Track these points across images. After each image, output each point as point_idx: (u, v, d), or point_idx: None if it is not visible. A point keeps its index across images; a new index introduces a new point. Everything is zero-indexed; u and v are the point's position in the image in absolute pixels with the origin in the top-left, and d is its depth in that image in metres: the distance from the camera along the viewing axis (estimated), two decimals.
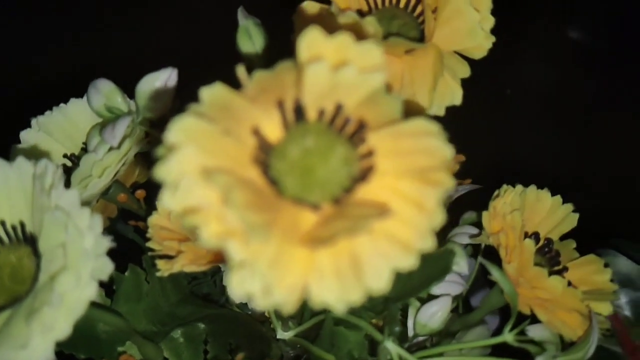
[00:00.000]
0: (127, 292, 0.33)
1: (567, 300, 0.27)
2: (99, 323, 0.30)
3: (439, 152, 0.18)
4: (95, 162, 0.28)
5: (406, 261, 0.18)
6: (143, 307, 0.33)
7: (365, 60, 0.17)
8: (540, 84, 0.76)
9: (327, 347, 0.32)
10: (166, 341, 0.33)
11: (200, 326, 0.34)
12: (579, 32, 0.79)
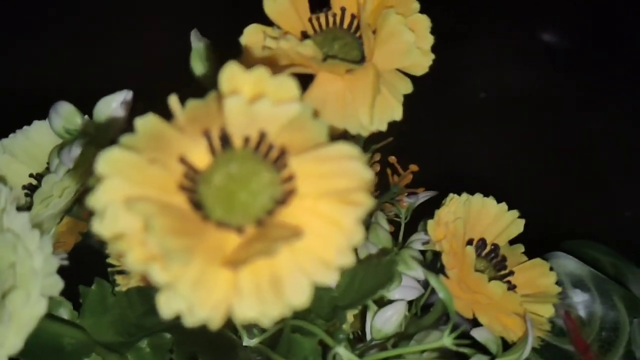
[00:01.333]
0: (93, 305, 0.34)
1: (507, 304, 0.29)
2: (64, 337, 0.32)
3: (358, 174, 0.19)
4: (55, 183, 0.29)
5: (326, 277, 0.19)
6: (109, 319, 0.34)
7: (280, 93, 0.19)
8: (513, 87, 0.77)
9: (285, 353, 0.33)
10: (133, 351, 0.34)
11: (166, 336, 0.36)
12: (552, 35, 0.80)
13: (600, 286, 0.37)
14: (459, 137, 0.74)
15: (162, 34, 0.68)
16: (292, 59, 0.27)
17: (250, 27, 0.28)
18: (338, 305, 0.30)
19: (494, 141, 0.74)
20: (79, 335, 0.31)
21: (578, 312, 0.38)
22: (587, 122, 0.74)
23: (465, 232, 0.31)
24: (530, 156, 0.73)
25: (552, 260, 0.38)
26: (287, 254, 0.19)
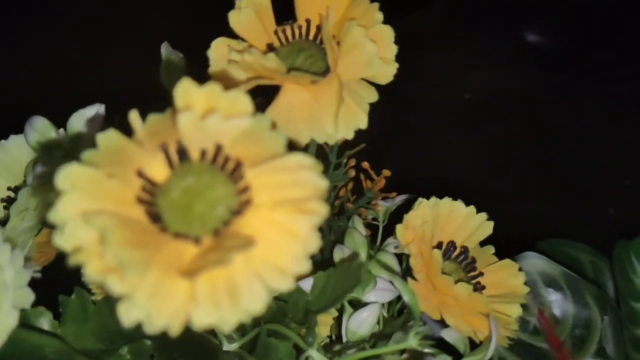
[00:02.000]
0: (74, 314, 0.35)
1: (473, 304, 0.29)
2: (45, 347, 0.32)
3: (312, 184, 0.20)
4: (30, 196, 0.30)
5: (283, 283, 0.20)
6: (90, 327, 0.35)
7: (232, 107, 0.19)
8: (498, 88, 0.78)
9: (262, 357, 0.34)
10: (114, 358, 0.35)
11: (147, 342, 0.36)
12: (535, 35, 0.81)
13: (573, 285, 0.38)
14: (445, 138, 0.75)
15: (141, 46, 0.69)
16: (257, 72, 0.28)
17: (216, 40, 0.29)
18: (310, 309, 0.31)
19: (479, 141, 0.75)
20: (58, 345, 0.32)
21: (552, 311, 0.38)
22: (570, 122, 0.75)
23: (434, 235, 0.32)
24: (514, 156, 0.73)
25: (525, 260, 0.39)
26: (243, 263, 0.19)
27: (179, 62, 0.31)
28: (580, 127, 0.75)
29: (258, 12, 0.29)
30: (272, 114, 0.29)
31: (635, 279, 0.38)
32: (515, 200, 0.70)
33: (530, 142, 0.74)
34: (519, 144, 0.74)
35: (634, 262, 0.38)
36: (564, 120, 0.75)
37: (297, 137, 0.29)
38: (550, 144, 0.74)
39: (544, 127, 0.75)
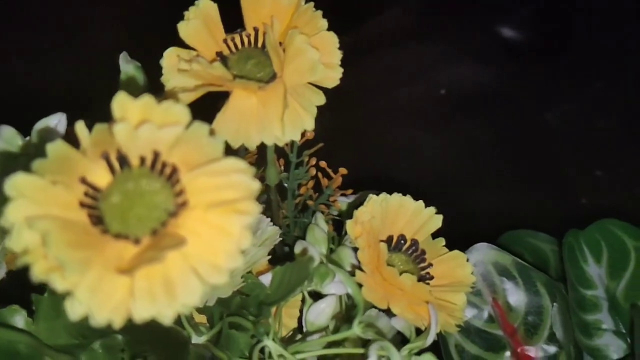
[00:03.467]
0: (46, 311, 0.36)
1: (418, 294, 0.31)
2: (18, 343, 0.34)
3: (244, 186, 0.22)
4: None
5: (217, 279, 0.21)
6: (63, 323, 0.37)
7: (165, 117, 0.21)
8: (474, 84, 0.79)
9: (225, 348, 0.36)
10: (86, 353, 0.37)
11: (118, 337, 0.38)
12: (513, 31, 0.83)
13: (524, 273, 0.40)
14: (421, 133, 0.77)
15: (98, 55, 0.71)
16: (206, 79, 0.29)
17: (168, 50, 0.31)
18: (263, 302, 0.33)
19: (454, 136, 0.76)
20: (31, 341, 0.33)
21: (505, 299, 0.40)
22: (543, 115, 0.76)
23: (385, 229, 0.34)
24: (488, 148, 0.75)
25: (479, 251, 0.40)
26: (180, 260, 0.21)
27: (136, 72, 0.33)
28: (553, 119, 0.76)
29: (206, 22, 0.30)
30: (222, 119, 0.30)
31: (586, 267, 0.40)
32: (490, 192, 0.72)
33: (503, 135, 0.76)
34: (492, 137, 0.75)
35: (585, 251, 0.40)
36: (537, 113, 0.77)
37: (248, 141, 0.30)
38: (523, 137, 0.76)
39: (517, 121, 0.76)
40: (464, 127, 0.76)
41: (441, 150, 0.75)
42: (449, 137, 0.76)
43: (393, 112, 0.76)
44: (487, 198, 0.71)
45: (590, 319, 0.38)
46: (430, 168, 0.73)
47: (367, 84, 0.79)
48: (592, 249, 0.39)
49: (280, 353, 0.32)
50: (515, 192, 0.71)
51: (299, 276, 0.31)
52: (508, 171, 0.74)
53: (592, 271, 0.39)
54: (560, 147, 0.75)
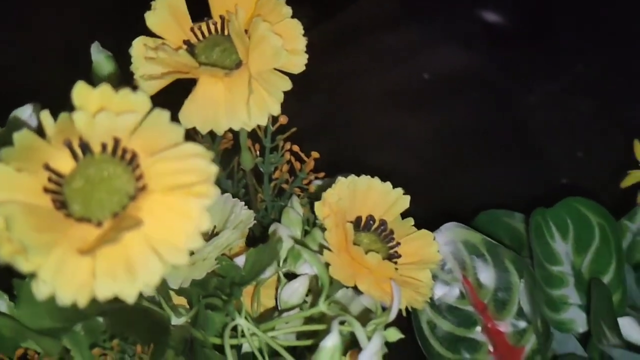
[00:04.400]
0: (28, 296, 0.37)
1: (383, 271, 0.32)
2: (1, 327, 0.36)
3: (202, 169, 0.23)
4: None
5: (177, 259, 0.22)
6: (45, 307, 0.38)
7: (123, 104, 0.22)
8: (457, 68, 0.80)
9: (202, 328, 0.37)
10: (68, 335, 0.38)
11: (100, 320, 0.39)
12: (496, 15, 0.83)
13: (493, 251, 0.41)
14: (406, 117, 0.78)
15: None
16: (173, 67, 0.30)
17: (137, 39, 0.31)
18: (234, 282, 0.34)
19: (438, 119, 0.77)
20: (13, 325, 0.34)
21: (475, 276, 0.41)
22: (525, 97, 0.78)
23: (354, 210, 0.35)
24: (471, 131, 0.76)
25: (450, 230, 0.41)
26: (140, 241, 0.22)
27: (107, 62, 0.33)
28: (534, 102, 0.77)
29: (172, 11, 0.31)
30: (190, 105, 0.31)
31: (553, 244, 0.41)
32: (471, 174, 0.73)
33: (485, 118, 0.77)
34: (474, 120, 0.76)
35: (552, 228, 0.41)
36: (519, 96, 0.78)
37: (216, 126, 0.31)
38: (504, 119, 0.77)
39: (499, 103, 0.77)
40: (445, 110, 0.77)
41: (424, 133, 0.76)
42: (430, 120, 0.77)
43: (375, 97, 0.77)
44: (468, 180, 0.72)
45: (556, 294, 0.39)
46: (413, 151, 0.74)
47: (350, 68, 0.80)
48: (559, 227, 0.41)
49: (252, 331, 0.33)
50: (496, 173, 0.73)
51: (268, 257, 0.32)
52: (489, 153, 0.75)
53: (559, 248, 0.40)
54: (541, 129, 0.76)
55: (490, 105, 0.77)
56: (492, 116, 0.77)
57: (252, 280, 0.34)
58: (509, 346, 0.41)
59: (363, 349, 0.29)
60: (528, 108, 0.77)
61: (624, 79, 0.77)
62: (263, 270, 0.33)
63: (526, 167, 0.74)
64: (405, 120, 0.77)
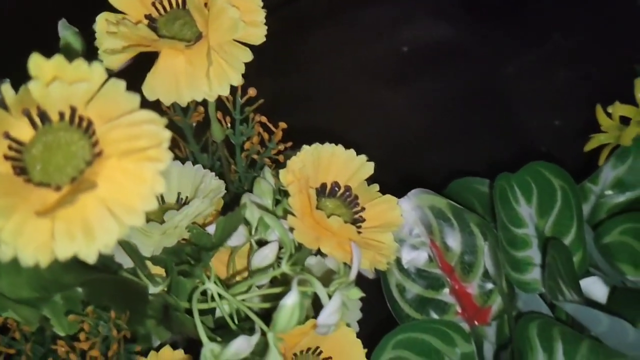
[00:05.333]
0: (8, 267, 0.39)
1: (345, 234, 0.34)
2: None
3: (155, 135, 0.24)
4: None
5: (134, 220, 0.24)
6: (24, 278, 0.39)
7: (77, 74, 0.23)
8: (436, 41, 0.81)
9: (176, 294, 0.38)
10: (48, 305, 0.39)
11: (79, 290, 0.41)
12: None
13: (458, 215, 0.42)
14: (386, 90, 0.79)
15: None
16: (135, 40, 0.31)
17: (100, 15, 0.32)
18: (204, 248, 0.35)
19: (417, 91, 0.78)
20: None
21: (442, 240, 0.42)
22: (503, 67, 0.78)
23: (318, 177, 0.36)
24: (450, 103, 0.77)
25: (417, 196, 0.43)
26: (97, 204, 0.23)
27: (74, 37, 0.34)
28: (512, 72, 0.78)
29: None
30: (153, 77, 0.32)
31: (518, 208, 0.42)
32: (450, 144, 0.74)
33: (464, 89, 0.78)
34: (454, 91, 0.77)
35: (517, 192, 0.42)
36: (497, 66, 0.78)
37: (179, 98, 0.32)
38: (484, 90, 0.78)
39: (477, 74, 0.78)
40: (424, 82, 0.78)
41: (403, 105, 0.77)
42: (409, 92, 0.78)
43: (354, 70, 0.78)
44: (447, 149, 0.73)
45: (520, 256, 0.41)
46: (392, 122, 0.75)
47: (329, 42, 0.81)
48: (523, 191, 0.42)
49: (222, 294, 0.34)
50: (476, 142, 0.74)
51: (233, 223, 0.34)
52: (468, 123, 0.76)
53: (523, 211, 0.41)
54: (519, 99, 0.77)
55: (468, 76, 0.78)
56: (470, 87, 0.78)
57: (220, 246, 0.35)
58: (476, 307, 0.42)
59: (324, 307, 0.30)
60: (506, 78, 0.78)
61: (601, 48, 0.77)
62: (229, 236, 0.34)
63: (504, 136, 0.75)
64: (384, 92, 0.78)
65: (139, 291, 0.43)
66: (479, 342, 0.42)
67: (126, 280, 0.44)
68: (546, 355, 0.38)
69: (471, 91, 0.78)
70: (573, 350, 0.36)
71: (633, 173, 0.43)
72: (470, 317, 0.42)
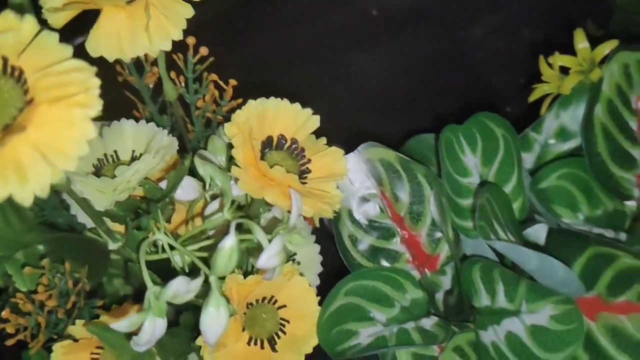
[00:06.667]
0: None
1: (288, 183, 0.35)
2: None
3: (83, 81, 0.25)
4: None
5: (66, 164, 0.25)
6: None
7: (5, 25, 0.24)
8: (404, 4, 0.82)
9: (131, 247, 0.40)
10: (9, 262, 0.41)
11: (40, 247, 0.42)
12: None
13: (406, 167, 0.43)
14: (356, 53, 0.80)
15: None
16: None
17: None
18: (150, 200, 0.36)
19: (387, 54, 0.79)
20: None
21: (392, 191, 0.44)
22: (469, 28, 0.80)
23: (264, 130, 0.37)
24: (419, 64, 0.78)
25: (368, 149, 0.44)
26: (29, 148, 0.24)
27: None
28: (478, 33, 0.79)
29: None
30: (96, 34, 0.33)
31: (464, 158, 0.43)
32: (417, 103, 0.76)
33: (432, 50, 0.79)
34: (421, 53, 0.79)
35: (463, 143, 0.44)
36: (463, 27, 0.79)
37: (122, 54, 0.33)
38: (450, 51, 0.79)
39: (445, 36, 0.79)
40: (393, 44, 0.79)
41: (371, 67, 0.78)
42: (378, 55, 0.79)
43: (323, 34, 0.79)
44: (412, 110, 0.75)
45: (465, 204, 0.42)
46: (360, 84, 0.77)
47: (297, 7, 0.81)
48: (469, 141, 0.43)
49: (171, 244, 0.35)
50: (441, 103, 0.75)
51: (178, 176, 0.35)
52: (435, 84, 0.78)
53: (469, 161, 0.43)
54: (485, 59, 0.78)
55: (436, 38, 0.79)
56: (438, 48, 0.79)
57: (167, 197, 0.36)
58: (425, 255, 0.44)
59: (264, 250, 0.32)
60: (472, 39, 0.79)
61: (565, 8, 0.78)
62: (175, 187, 0.35)
63: (470, 97, 0.76)
64: (354, 55, 0.79)
65: (99, 248, 0.44)
66: (430, 288, 0.44)
67: (87, 238, 0.45)
68: (489, 297, 0.40)
69: (439, 53, 0.79)
70: (513, 290, 0.38)
71: (575, 122, 0.44)
72: (421, 264, 0.44)
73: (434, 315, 0.43)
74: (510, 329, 0.38)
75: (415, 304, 0.43)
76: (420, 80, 0.78)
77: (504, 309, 0.39)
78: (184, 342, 0.43)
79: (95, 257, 0.44)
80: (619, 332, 0.37)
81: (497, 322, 0.39)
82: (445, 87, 0.77)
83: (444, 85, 0.77)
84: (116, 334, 0.38)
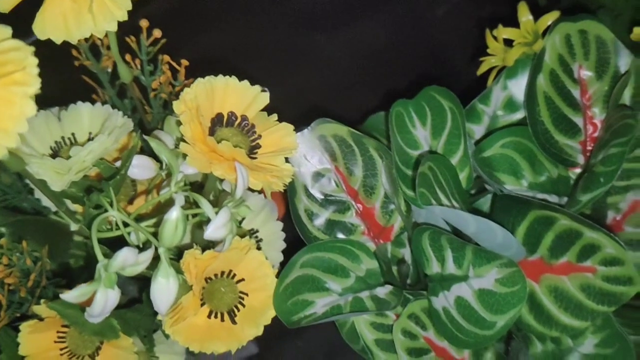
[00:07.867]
0: None
1: (236, 157, 0.36)
2: None
3: (20, 60, 0.26)
4: None
5: (7, 141, 0.26)
6: None
7: None
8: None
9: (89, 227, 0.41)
10: None
11: (2, 230, 0.43)
12: None
13: (358, 141, 0.45)
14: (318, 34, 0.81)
15: None
16: None
17: None
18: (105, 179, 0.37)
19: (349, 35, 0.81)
20: None
21: (346, 166, 0.45)
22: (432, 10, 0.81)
23: (213, 108, 0.38)
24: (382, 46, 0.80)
25: (321, 125, 0.45)
26: None
27: None
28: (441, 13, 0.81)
29: None
30: (42, 18, 0.34)
31: (414, 131, 0.44)
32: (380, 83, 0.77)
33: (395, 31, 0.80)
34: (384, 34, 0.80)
35: (414, 117, 0.45)
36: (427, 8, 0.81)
37: (69, 36, 0.34)
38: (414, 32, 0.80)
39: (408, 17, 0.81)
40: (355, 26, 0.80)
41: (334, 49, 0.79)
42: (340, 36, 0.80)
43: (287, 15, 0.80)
44: (374, 89, 0.76)
45: (415, 175, 0.43)
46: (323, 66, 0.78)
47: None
48: (419, 115, 0.44)
49: (125, 220, 0.37)
50: (404, 83, 0.76)
51: (129, 154, 0.36)
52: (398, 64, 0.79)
53: (419, 134, 0.44)
54: (448, 39, 0.79)
55: (399, 19, 0.81)
56: (401, 29, 0.80)
57: (117, 175, 0.37)
58: (380, 226, 0.45)
59: (210, 221, 0.33)
60: (435, 20, 0.80)
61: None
62: (126, 166, 0.36)
63: (433, 76, 0.77)
64: (316, 37, 0.80)
65: (61, 229, 0.45)
66: (386, 259, 0.45)
67: (49, 220, 0.46)
68: (439, 264, 0.41)
69: (402, 33, 0.80)
70: (460, 256, 0.40)
71: (523, 93, 0.46)
72: (376, 236, 0.45)
73: (388, 284, 0.44)
74: (459, 293, 0.40)
75: (370, 274, 0.44)
76: (380, 61, 0.79)
77: (453, 274, 0.40)
78: (148, 318, 0.44)
79: (56, 238, 0.45)
80: (561, 293, 0.38)
81: (447, 288, 0.40)
82: (406, 67, 0.79)
83: (405, 66, 0.79)
84: (77, 311, 0.39)
